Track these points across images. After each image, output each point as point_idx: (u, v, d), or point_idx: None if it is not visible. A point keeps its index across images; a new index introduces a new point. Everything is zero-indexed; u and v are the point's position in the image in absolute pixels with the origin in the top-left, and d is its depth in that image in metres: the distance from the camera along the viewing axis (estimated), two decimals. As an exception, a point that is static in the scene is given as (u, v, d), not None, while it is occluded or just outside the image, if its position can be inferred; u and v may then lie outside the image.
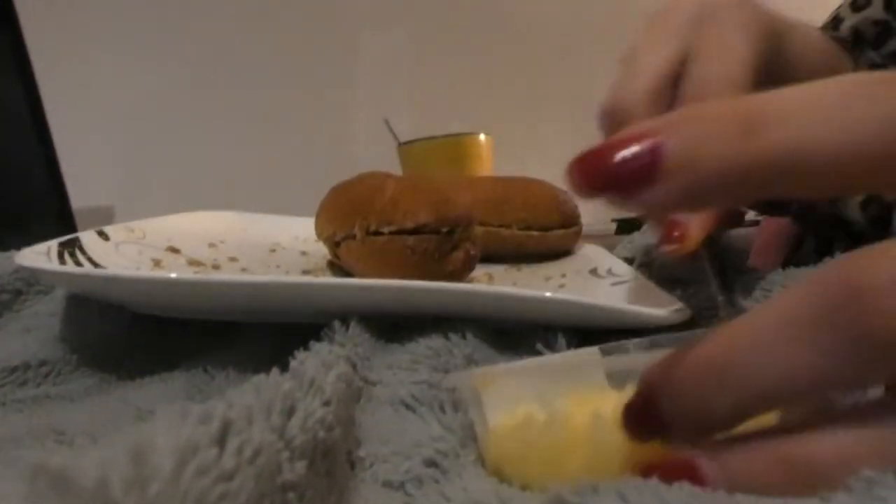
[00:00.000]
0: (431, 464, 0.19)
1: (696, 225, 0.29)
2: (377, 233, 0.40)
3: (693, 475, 0.15)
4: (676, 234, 0.29)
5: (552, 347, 0.28)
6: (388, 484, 0.19)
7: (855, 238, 0.42)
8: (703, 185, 0.15)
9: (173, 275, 0.29)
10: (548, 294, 0.31)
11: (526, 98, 1.42)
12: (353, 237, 0.41)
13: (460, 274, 0.41)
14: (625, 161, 0.15)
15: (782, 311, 0.15)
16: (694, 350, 0.16)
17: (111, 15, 1.28)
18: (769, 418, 0.16)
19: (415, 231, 0.39)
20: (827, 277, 0.14)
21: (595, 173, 0.16)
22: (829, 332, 0.14)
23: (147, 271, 0.38)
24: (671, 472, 0.16)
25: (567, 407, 0.19)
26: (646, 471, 0.16)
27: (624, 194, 0.16)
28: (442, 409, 0.22)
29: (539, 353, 0.27)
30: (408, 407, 0.22)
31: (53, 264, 0.33)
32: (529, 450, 0.19)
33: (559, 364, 0.20)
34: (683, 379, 0.16)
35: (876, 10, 0.44)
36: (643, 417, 0.17)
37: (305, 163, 1.28)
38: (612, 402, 0.18)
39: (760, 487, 0.15)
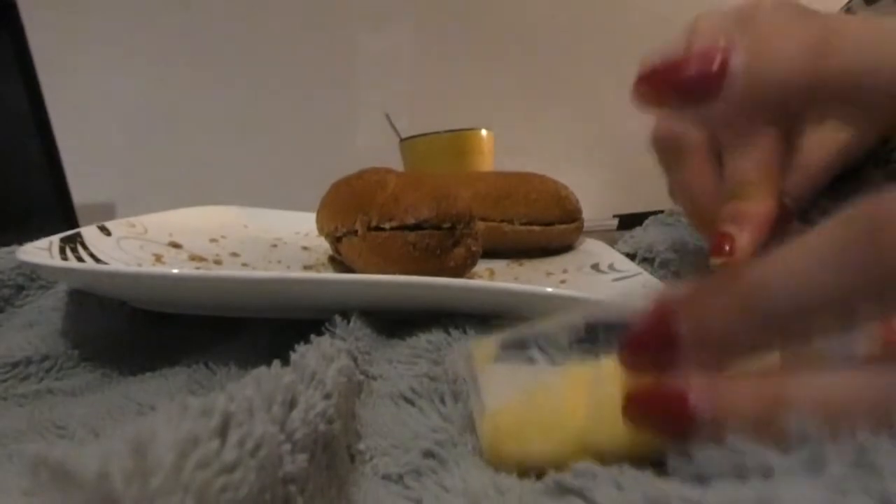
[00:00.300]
0: (430, 455, 0.19)
1: (746, 239, 0.29)
2: (378, 228, 0.39)
3: (682, 406, 0.16)
4: (727, 246, 0.29)
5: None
6: (387, 477, 0.19)
7: None
8: (764, 96, 0.16)
9: (175, 270, 0.29)
10: (549, 290, 0.31)
11: (527, 93, 1.42)
12: (355, 233, 0.41)
13: (462, 270, 0.41)
14: (696, 69, 0.16)
15: (813, 240, 0.15)
16: (725, 274, 0.16)
17: (113, 13, 1.28)
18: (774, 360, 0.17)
19: (416, 227, 0.39)
20: (854, 211, 0.15)
21: (669, 80, 0.17)
22: (850, 259, 0.14)
23: (148, 267, 0.38)
24: (661, 400, 0.16)
25: (566, 371, 0.19)
26: (636, 397, 0.17)
27: (692, 99, 0.17)
28: (442, 400, 0.22)
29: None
30: (407, 400, 0.22)
31: (55, 260, 0.33)
32: (529, 418, 0.19)
33: (554, 332, 0.21)
34: (713, 300, 0.16)
35: (887, 1, 0.44)
36: (656, 339, 0.17)
37: (306, 158, 1.28)
38: (611, 361, 0.18)
39: (750, 426, 0.15)
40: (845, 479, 0.13)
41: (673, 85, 0.17)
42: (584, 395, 0.18)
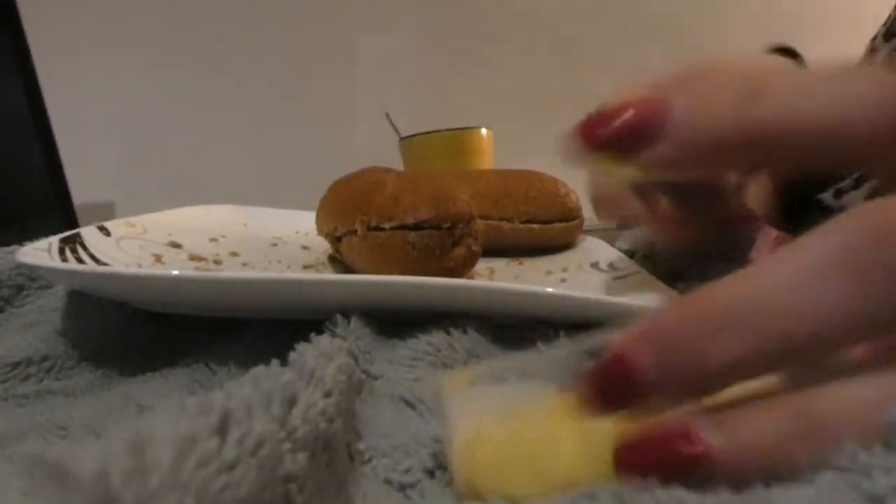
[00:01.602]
0: (431, 464, 0.19)
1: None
2: (378, 228, 0.39)
3: (693, 444, 0.14)
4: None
5: (553, 343, 0.28)
6: (388, 482, 0.19)
7: None
8: (702, 144, 0.16)
9: (175, 272, 0.29)
10: (549, 289, 0.31)
11: (527, 92, 1.42)
12: (354, 233, 0.41)
13: (462, 270, 0.40)
14: (631, 118, 0.16)
15: (809, 254, 0.14)
16: (697, 297, 0.15)
17: (112, 13, 1.28)
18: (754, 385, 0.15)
19: (415, 227, 0.39)
20: (854, 221, 0.14)
21: (602, 132, 0.16)
22: (861, 272, 0.13)
23: (148, 268, 0.38)
24: (665, 443, 0.14)
25: (551, 398, 0.18)
26: (630, 445, 0.15)
27: (628, 151, 0.16)
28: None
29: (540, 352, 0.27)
30: (408, 404, 0.22)
31: (54, 261, 0.33)
32: (510, 451, 0.17)
33: (538, 361, 0.20)
34: (687, 326, 0.14)
35: None
36: (622, 376, 0.15)
37: (306, 157, 1.29)
38: None
39: (776, 452, 0.14)
40: (835, 481, 0.13)
41: (610, 133, 0.16)
42: (570, 427, 0.17)
